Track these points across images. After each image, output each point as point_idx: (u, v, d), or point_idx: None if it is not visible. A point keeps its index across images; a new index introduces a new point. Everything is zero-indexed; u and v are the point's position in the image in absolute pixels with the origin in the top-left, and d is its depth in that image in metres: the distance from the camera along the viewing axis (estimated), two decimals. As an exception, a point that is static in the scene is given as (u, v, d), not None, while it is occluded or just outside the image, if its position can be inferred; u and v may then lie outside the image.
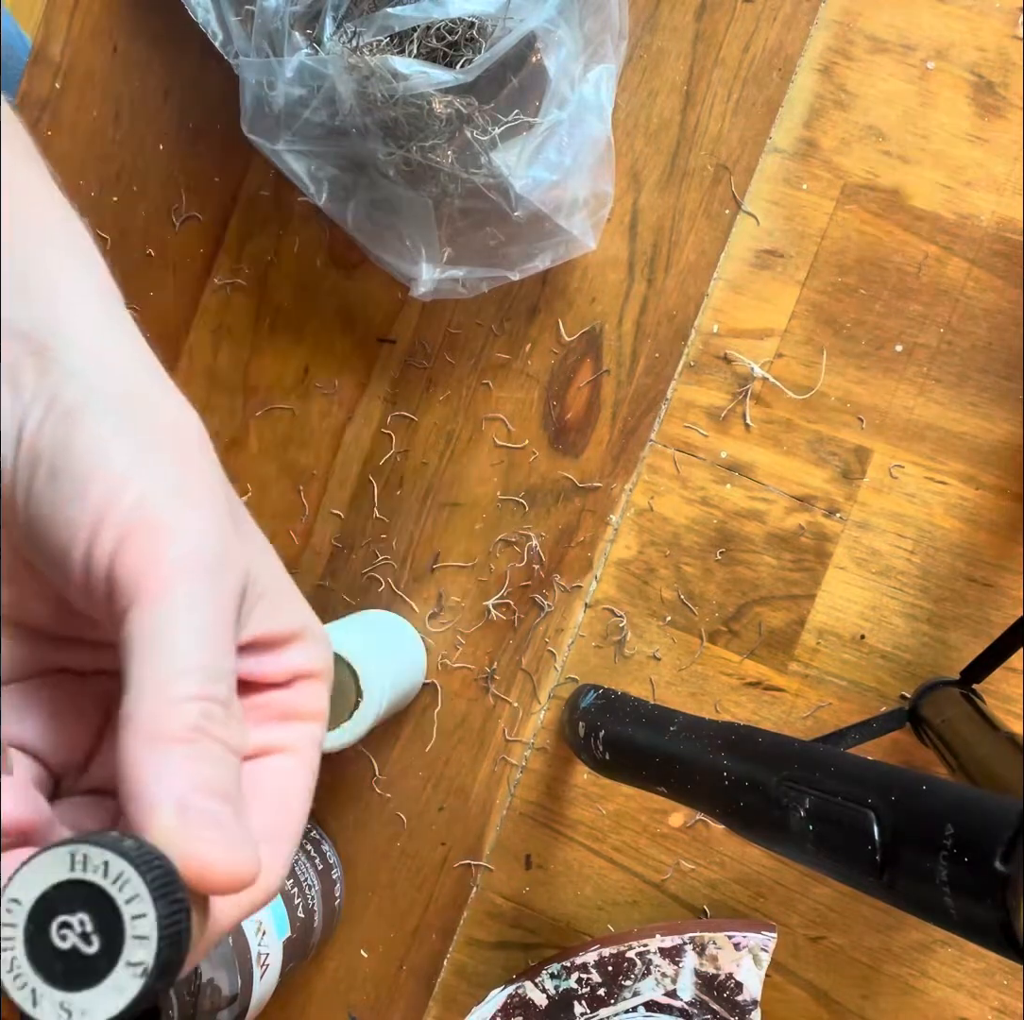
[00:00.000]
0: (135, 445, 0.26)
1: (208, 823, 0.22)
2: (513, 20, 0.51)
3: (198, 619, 0.24)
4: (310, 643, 0.29)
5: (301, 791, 0.28)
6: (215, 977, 0.50)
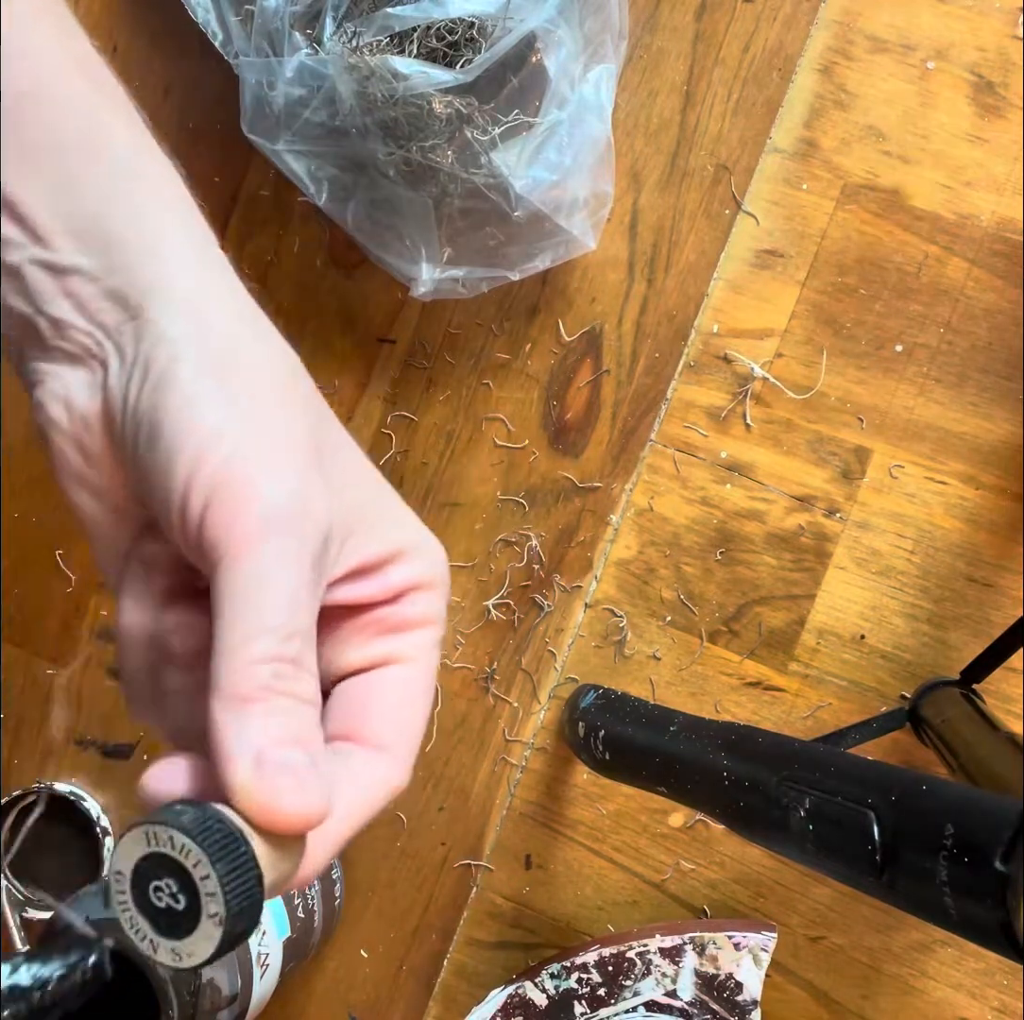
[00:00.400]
0: (222, 405, 0.26)
1: (280, 772, 0.24)
2: (513, 20, 0.51)
3: (272, 581, 0.25)
4: (412, 558, 0.30)
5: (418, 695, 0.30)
6: (215, 977, 0.50)
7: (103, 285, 0.28)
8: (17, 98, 0.28)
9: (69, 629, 0.68)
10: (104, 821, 0.66)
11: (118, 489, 0.29)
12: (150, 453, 0.26)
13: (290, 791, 0.24)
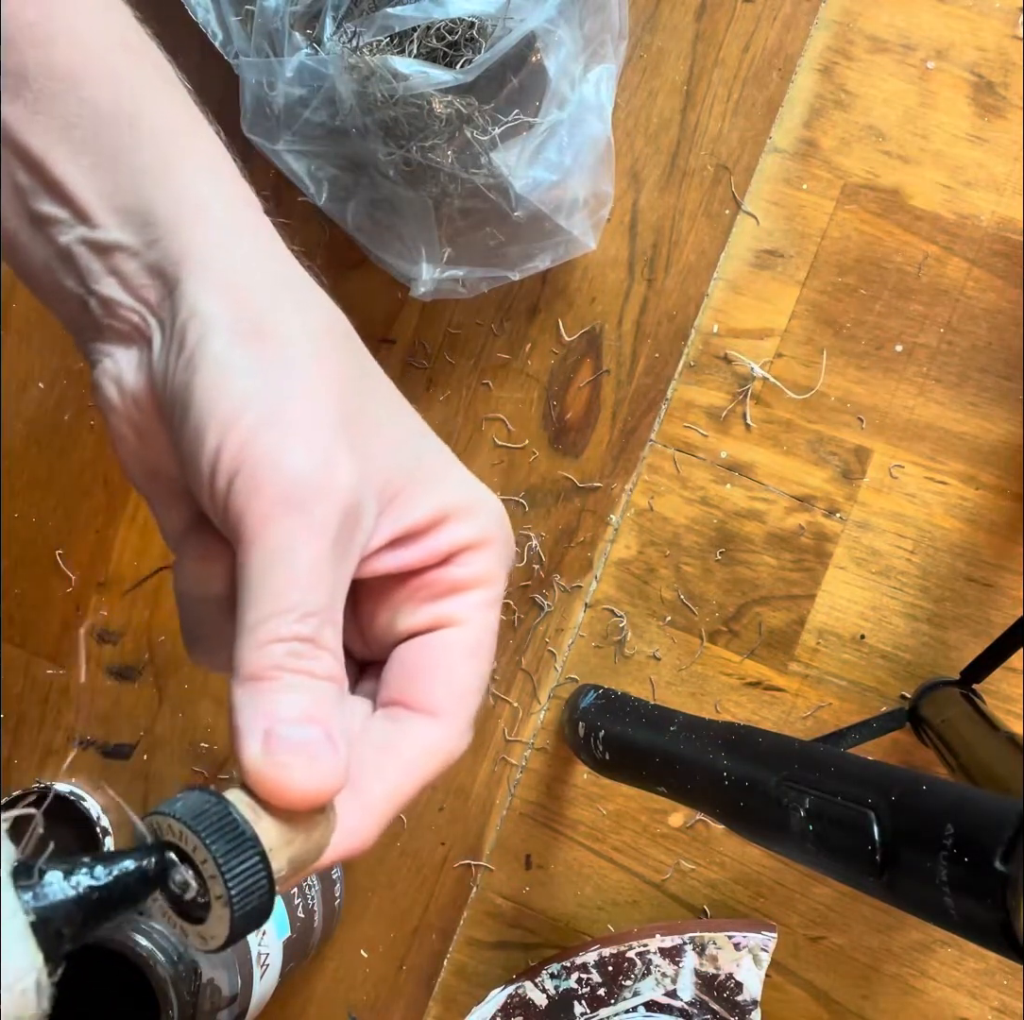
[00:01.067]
0: (249, 378, 0.26)
1: (288, 749, 0.24)
2: (513, 20, 0.51)
3: (287, 560, 0.25)
4: (461, 519, 0.30)
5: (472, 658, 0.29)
6: (215, 977, 0.50)
7: (144, 260, 0.27)
8: (60, 77, 0.28)
9: (69, 629, 0.68)
10: (104, 821, 0.66)
11: (171, 468, 0.28)
12: (182, 429, 0.26)
13: (298, 768, 0.24)
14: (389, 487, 0.28)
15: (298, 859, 0.24)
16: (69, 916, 0.22)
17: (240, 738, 0.24)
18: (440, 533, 0.29)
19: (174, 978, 0.48)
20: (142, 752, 0.67)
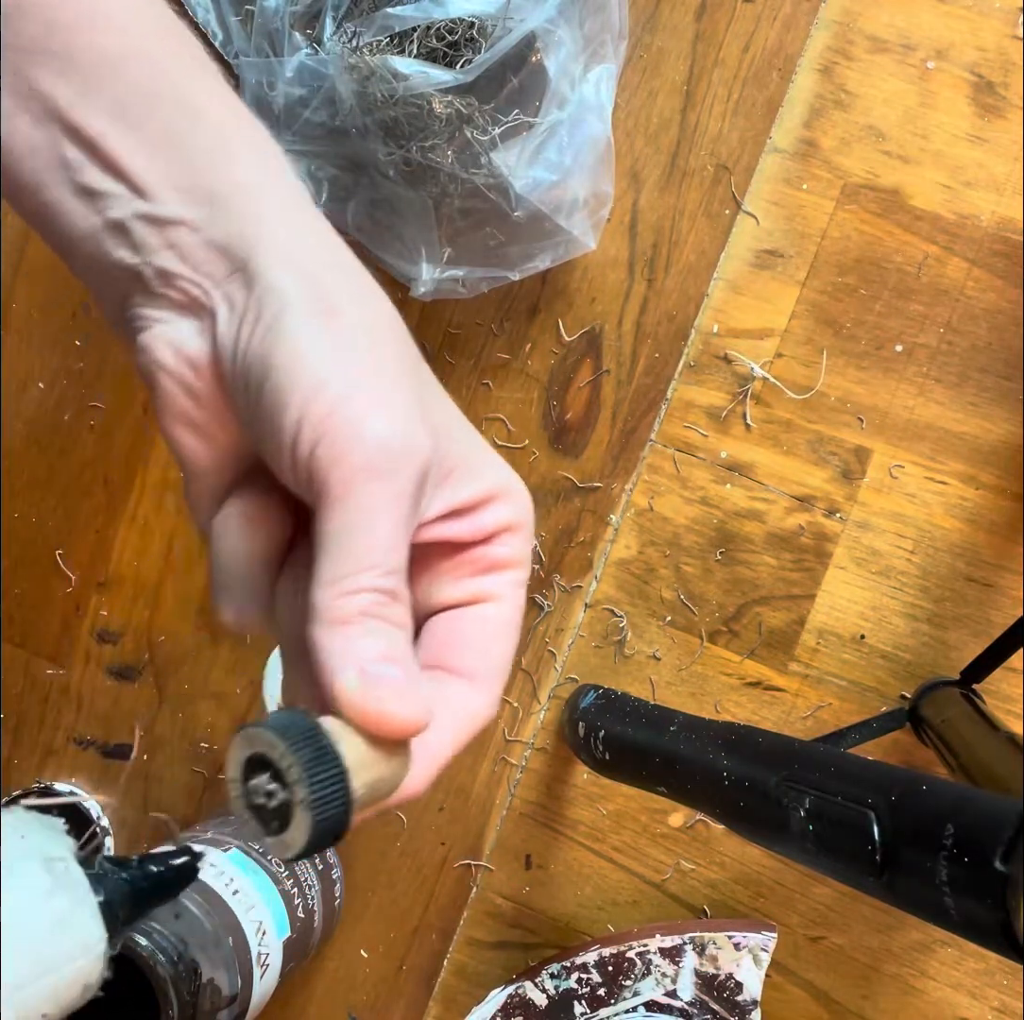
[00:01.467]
0: (329, 351, 0.28)
1: (381, 682, 0.26)
2: (513, 20, 0.51)
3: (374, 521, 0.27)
4: (503, 501, 0.31)
5: (507, 632, 0.32)
6: (215, 977, 0.50)
7: (204, 236, 0.29)
8: (108, 62, 0.29)
9: (69, 629, 0.68)
10: (104, 821, 0.66)
11: (224, 430, 0.30)
12: (261, 396, 0.28)
13: (393, 699, 0.26)
14: (445, 463, 0.30)
15: (375, 785, 0.26)
16: (124, 901, 0.26)
17: (333, 674, 0.26)
18: (486, 512, 0.31)
19: (174, 978, 0.48)
20: (142, 752, 0.67)
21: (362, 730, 0.26)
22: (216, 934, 0.51)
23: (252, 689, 0.65)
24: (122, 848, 0.67)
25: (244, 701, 0.66)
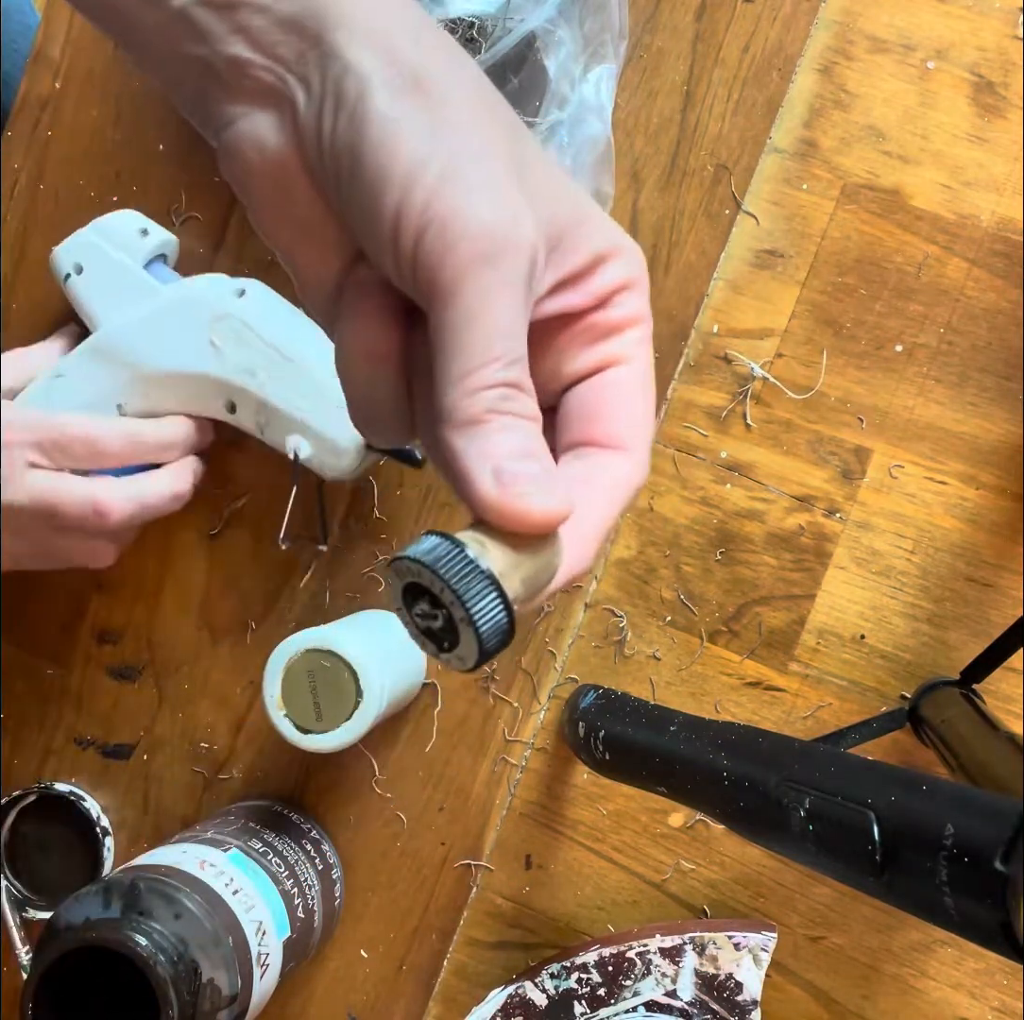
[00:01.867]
0: (420, 132, 0.26)
1: (518, 480, 0.26)
2: (513, 20, 0.51)
3: (490, 312, 0.26)
4: (617, 258, 0.30)
5: (642, 390, 0.31)
6: (215, 977, 0.50)
7: (274, 15, 0.27)
8: None
9: (69, 629, 0.68)
10: (104, 821, 0.66)
11: (323, 224, 0.29)
12: (354, 188, 0.26)
13: (531, 495, 0.26)
14: (554, 232, 0.28)
15: (530, 579, 0.27)
16: None
17: (471, 478, 0.26)
18: (598, 275, 0.30)
19: (174, 978, 0.48)
20: (142, 752, 0.67)
21: (506, 530, 0.26)
22: (216, 934, 0.51)
23: (252, 689, 0.65)
24: (122, 848, 0.67)
25: (244, 701, 0.66)
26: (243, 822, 0.61)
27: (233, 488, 0.65)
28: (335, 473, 0.59)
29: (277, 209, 0.29)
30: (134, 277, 0.60)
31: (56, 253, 0.61)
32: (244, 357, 0.58)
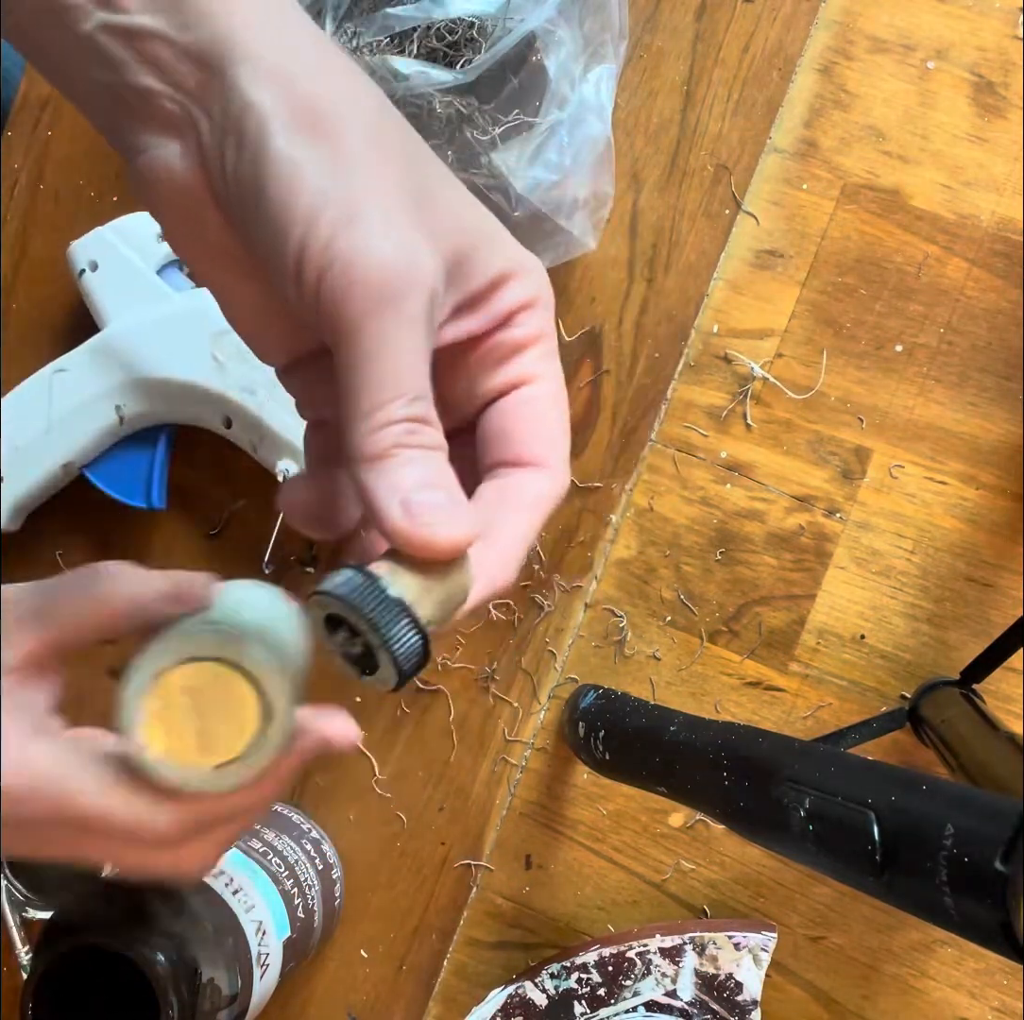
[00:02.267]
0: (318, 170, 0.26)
1: (424, 510, 0.27)
2: (513, 20, 0.51)
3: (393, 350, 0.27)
4: (516, 278, 0.30)
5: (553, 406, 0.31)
6: (215, 977, 0.50)
7: (179, 47, 0.27)
8: None
9: (69, 629, 0.68)
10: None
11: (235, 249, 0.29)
12: (258, 222, 0.27)
13: (436, 524, 0.27)
14: (454, 258, 0.29)
15: (444, 601, 0.28)
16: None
17: (381, 511, 0.27)
18: (498, 296, 0.30)
19: (174, 978, 0.48)
20: (142, 752, 0.67)
21: (417, 558, 0.27)
22: (216, 934, 0.51)
23: (252, 689, 0.65)
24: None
25: (244, 701, 0.66)
26: (243, 822, 0.61)
27: (233, 488, 0.65)
28: None
29: (190, 235, 0.29)
30: (146, 280, 0.60)
31: (73, 247, 0.62)
32: (245, 374, 0.58)
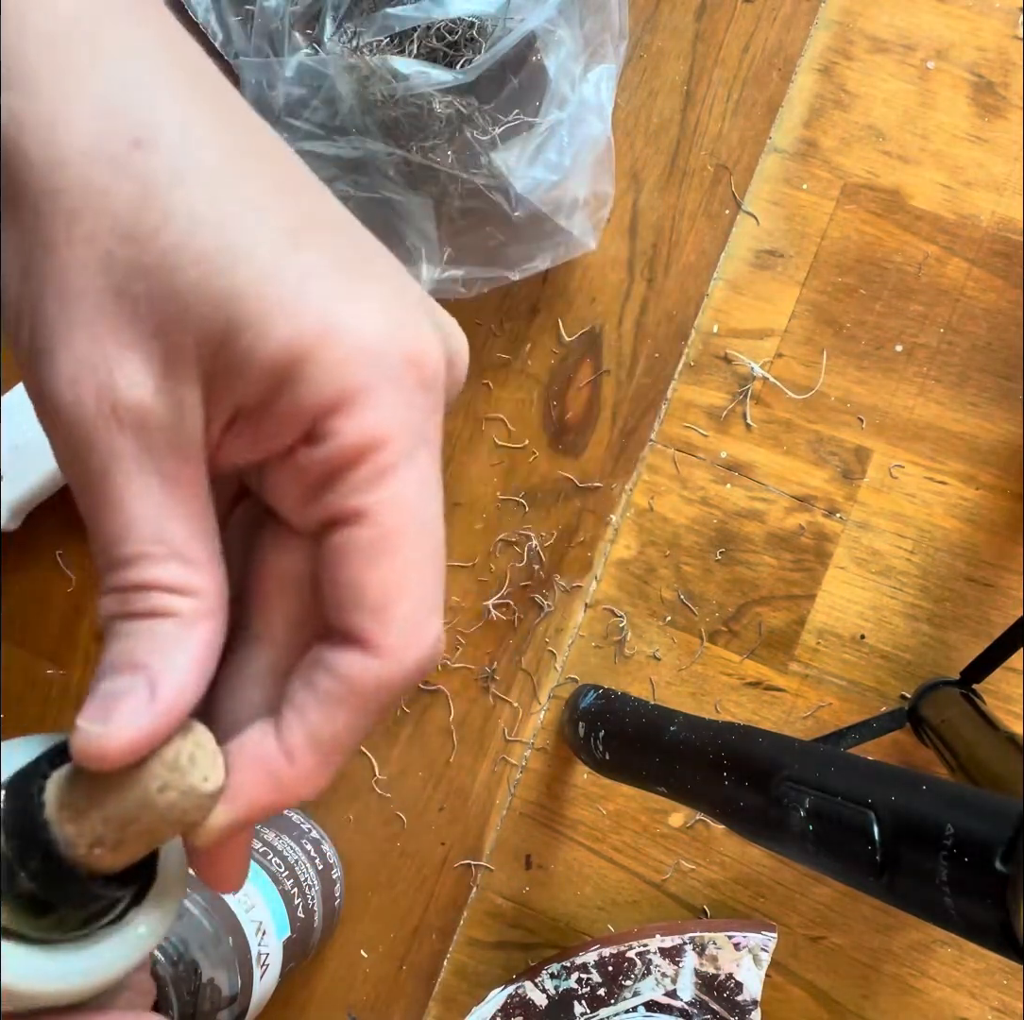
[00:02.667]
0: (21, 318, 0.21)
1: (95, 702, 0.22)
2: (513, 20, 0.51)
3: (106, 515, 0.22)
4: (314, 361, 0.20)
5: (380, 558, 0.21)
6: (215, 977, 0.50)
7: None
8: None
9: (69, 629, 0.68)
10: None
11: None
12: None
13: (94, 720, 0.22)
14: (206, 344, 0.20)
15: (119, 818, 0.22)
16: None
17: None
18: (286, 393, 0.20)
19: (174, 978, 0.48)
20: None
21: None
22: (216, 934, 0.51)
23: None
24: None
25: (244, 701, 0.66)
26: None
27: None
28: None
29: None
30: None
31: None
32: None
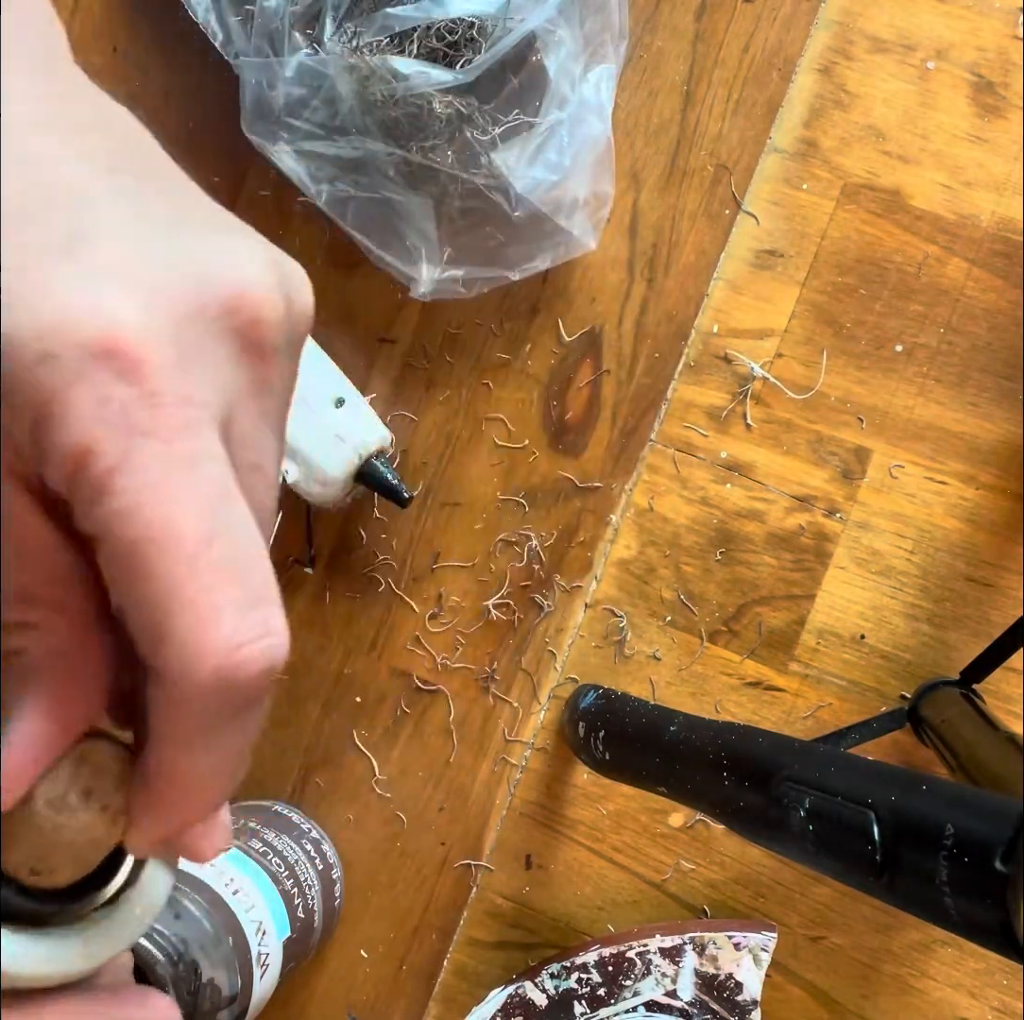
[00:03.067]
0: None
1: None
2: (513, 20, 0.51)
3: None
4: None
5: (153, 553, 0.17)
6: (215, 977, 0.50)
7: None
8: None
9: (69, 629, 0.68)
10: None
11: None
12: None
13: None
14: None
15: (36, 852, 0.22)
16: None
17: None
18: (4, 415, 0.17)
19: (174, 978, 0.48)
20: (142, 752, 0.67)
21: None
22: (216, 934, 0.51)
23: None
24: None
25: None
26: (243, 822, 0.61)
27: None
28: (320, 500, 0.60)
29: None
30: None
31: None
32: None
